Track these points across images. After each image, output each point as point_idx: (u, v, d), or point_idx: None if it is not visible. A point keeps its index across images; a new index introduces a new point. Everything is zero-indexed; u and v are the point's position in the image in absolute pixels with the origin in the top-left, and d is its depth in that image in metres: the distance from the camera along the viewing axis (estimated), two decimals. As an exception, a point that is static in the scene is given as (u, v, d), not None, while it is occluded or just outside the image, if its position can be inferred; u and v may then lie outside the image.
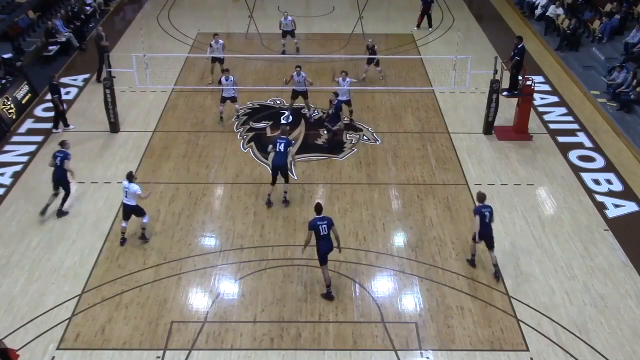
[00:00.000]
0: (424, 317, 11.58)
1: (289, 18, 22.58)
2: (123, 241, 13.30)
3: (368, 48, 20.54)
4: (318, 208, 11.74)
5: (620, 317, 11.63)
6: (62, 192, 14.29)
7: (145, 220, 13.32)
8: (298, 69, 17.84)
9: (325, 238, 11.60)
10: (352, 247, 13.30)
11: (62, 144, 14.49)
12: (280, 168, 14.33)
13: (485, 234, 12.25)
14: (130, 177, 13.08)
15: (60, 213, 14.23)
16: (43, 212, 14.11)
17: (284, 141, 14.37)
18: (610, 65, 20.38)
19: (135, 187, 12.96)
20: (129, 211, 13.20)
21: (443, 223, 14.12)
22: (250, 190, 15.21)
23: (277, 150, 14.30)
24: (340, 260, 12.87)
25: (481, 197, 12.38)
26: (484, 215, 12.15)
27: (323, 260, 11.75)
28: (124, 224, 13.30)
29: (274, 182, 14.51)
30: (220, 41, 20.21)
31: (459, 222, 14.16)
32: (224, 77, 17.79)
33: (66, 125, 17.85)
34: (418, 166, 16.23)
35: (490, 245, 12.39)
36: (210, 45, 20.27)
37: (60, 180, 14.12)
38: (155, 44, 23.88)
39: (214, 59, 20.20)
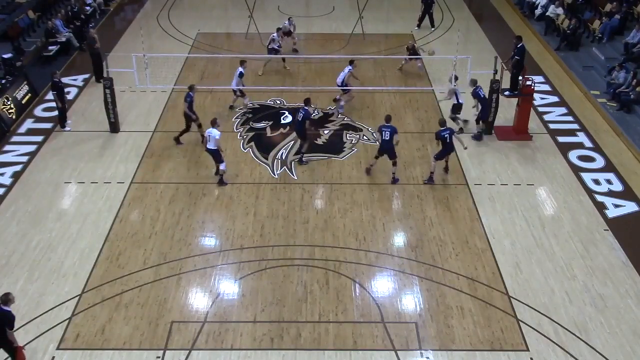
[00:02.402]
0: (424, 317, 11.59)
1: (293, 23, 22.93)
2: (221, 179, 15.31)
3: (408, 49, 21.20)
4: (306, 100, 16.10)
5: (620, 317, 11.63)
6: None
7: (222, 167, 15.11)
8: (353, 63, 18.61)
9: (295, 122, 16.36)
10: (352, 247, 13.31)
11: (191, 88, 16.63)
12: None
13: (449, 152, 15.33)
14: (214, 123, 14.77)
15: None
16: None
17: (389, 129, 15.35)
18: (610, 65, 20.38)
19: (216, 132, 14.67)
20: (212, 154, 15.03)
21: (443, 223, 14.13)
22: (250, 190, 15.21)
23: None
24: (340, 260, 12.88)
25: (441, 122, 15.32)
26: (445, 138, 14.96)
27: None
28: (222, 167, 15.19)
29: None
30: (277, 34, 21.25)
31: (459, 222, 14.16)
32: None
33: (62, 125, 17.81)
34: (418, 166, 16.23)
35: (447, 158, 15.65)
36: (273, 40, 21.01)
37: (186, 116, 16.71)
38: (155, 44, 23.88)
39: (273, 51, 21.12)
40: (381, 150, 15.40)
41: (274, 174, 15.89)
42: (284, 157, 16.56)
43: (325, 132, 17.76)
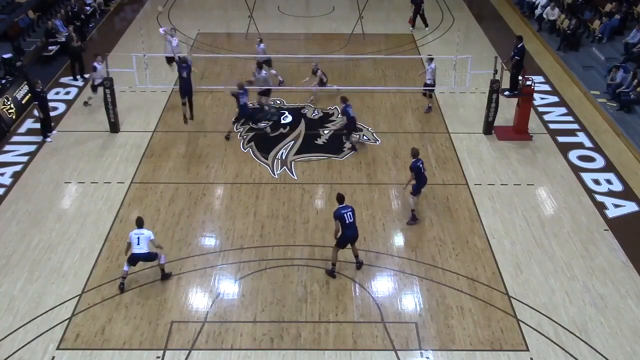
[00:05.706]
0: (424, 317, 11.58)
1: (262, 45, 20.35)
2: (122, 286, 11.89)
3: (313, 72, 19.33)
4: (340, 198, 12.19)
5: (620, 317, 11.63)
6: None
7: (162, 261, 12.08)
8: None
9: (351, 225, 12.06)
10: (352, 247, 13.32)
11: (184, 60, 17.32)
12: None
13: (424, 183, 13.98)
14: (140, 223, 11.73)
15: None
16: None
17: None
18: (610, 65, 20.37)
19: (148, 233, 11.73)
20: (143, 259, 11.82)
21: (443, 223, 14.12)
22: (250, 190, 15.21)
23: None
24: (340, 261, 12.86)
25: (414, 152, 13.84)
26: (420, 169, 13.74)
27: (341, 245, 12.24)
28: (126, 268, 11.81)
29: None
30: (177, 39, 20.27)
31: (459, 222, 14.16)
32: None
33: (45, 135, 17.11)
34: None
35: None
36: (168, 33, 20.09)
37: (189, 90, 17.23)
38: (155, 44, 23.84)
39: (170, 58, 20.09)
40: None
41: (274, 174, 15.89)
42: (284, 157, 16.56)
43: (325, 132, 17.76)
